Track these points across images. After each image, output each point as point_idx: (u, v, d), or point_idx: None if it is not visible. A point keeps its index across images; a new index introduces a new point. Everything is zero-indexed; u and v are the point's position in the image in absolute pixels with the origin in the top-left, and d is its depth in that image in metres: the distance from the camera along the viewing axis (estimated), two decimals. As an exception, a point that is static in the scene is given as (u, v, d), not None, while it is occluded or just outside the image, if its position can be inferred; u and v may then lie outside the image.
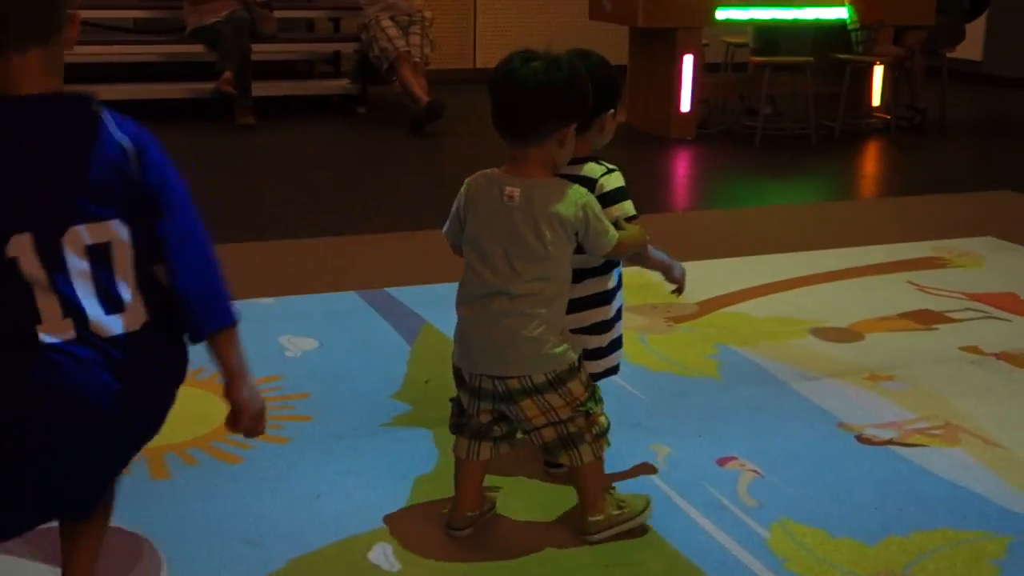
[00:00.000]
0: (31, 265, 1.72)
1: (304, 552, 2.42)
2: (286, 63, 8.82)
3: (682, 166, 6.87)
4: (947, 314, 4.04)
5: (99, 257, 1.77)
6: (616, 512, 2.47)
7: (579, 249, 2.34)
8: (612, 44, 8.29)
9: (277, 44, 7.95)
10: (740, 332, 3.80)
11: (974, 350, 3.69)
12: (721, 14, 7.36)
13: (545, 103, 2.23)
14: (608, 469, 2.58)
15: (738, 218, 5.49)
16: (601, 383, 2.55)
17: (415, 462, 2.82)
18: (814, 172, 6.70)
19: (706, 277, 4.28)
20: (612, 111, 2.49)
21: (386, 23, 7.87)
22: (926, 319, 3.97)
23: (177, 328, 1.87)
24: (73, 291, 1.74)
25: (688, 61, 7.37)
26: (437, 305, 3.87)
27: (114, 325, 1.77)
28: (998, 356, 3.63)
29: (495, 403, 2.34)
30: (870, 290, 4.28)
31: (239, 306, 1.95)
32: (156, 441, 2.40)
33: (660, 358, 3.56)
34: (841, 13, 7.60)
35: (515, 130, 2.27)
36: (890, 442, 3.01)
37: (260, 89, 7.84)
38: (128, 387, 1.78)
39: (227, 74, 7.37)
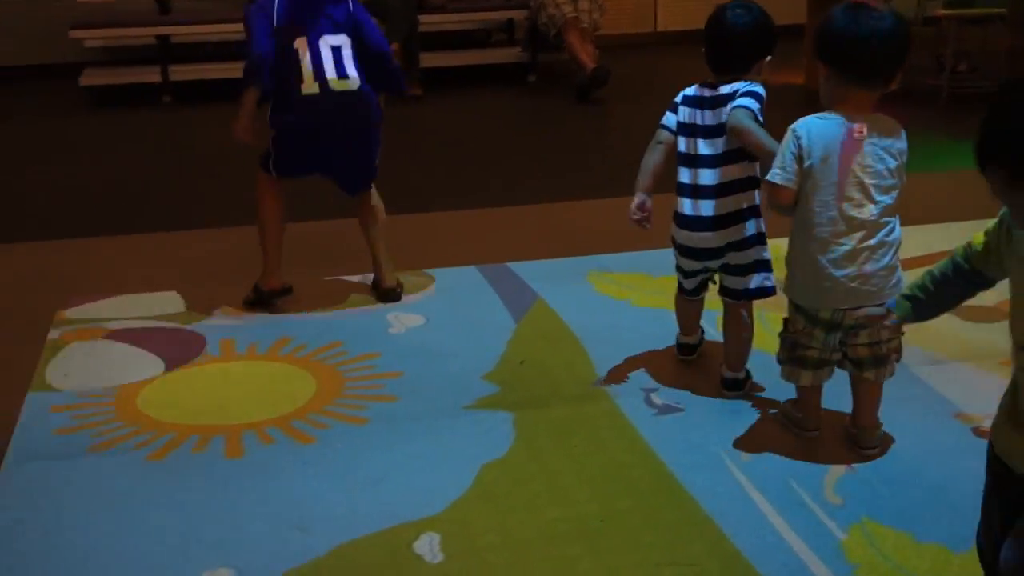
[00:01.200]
0: (303, 54, 3.47)
1: (350, 539, 2.37)
2: (463, 33, 8.78)
3: (856, 129, 6.48)
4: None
5: (336, 53, 3.51)
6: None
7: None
8: (789, 3, 7.98)
9: (445, 15, 7.91)
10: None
11: None
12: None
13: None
14: (685, 449, 2.57)
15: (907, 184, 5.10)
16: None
17: (487, 447, 2.74)
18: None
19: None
20: (768, 57, 2.80)
21: (554, -11, 7.74)
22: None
23: (376, 89, 3.63)
24: (322, 67, 3.48)
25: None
26: (558, 280, 3.81)
27: (345, 84, 3.50)
28: None
29: (841, 332, 2.56)
30: None
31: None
32: (235, 419, 2.73)
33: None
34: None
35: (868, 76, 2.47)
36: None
37: (429, 60, 7.85)
38: (357, 112, 3.56)
39: (394, 46, 7.37)
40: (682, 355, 3.27)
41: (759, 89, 2.80)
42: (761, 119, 2.74)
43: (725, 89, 2.82)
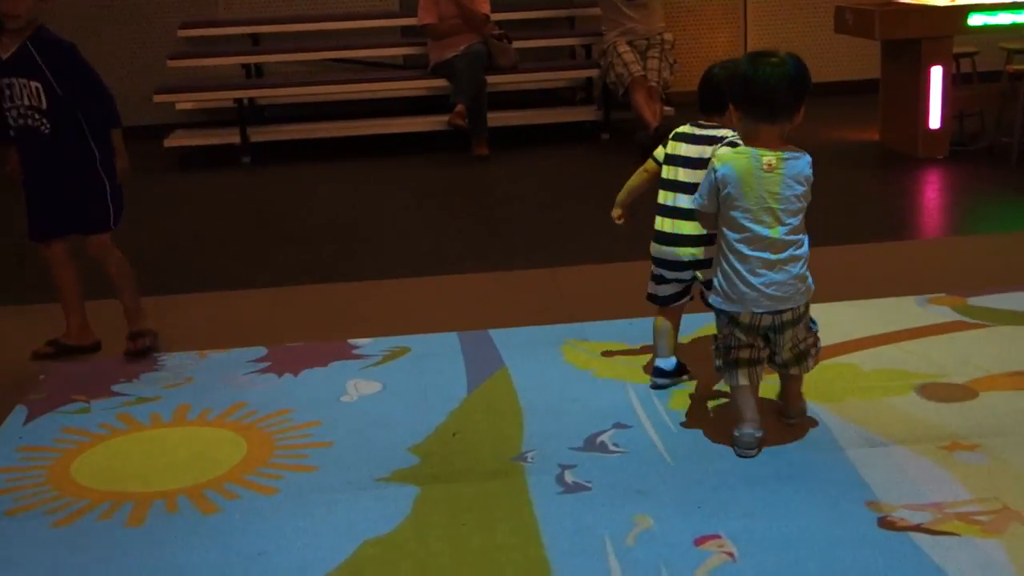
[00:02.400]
0: None
1: (203, 613, 2.39)
2: (545, 91, 8.84)
3: (916, 188, 6.24)
4: (1100, 368, 3.45)
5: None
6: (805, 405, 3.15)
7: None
8: (865, 57, 7.80)
9: (515, 75, 7.99)
10: (834, 386, 3.42)
11: (1105, 415, 3.12)
12: (976, 19, 6.67)
13: (795, 91, 2.85)
14: (573, 532, 2.61)
15: (942, 248, 4.94)
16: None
17: (376, 523, 2.75)
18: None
19: (854, 319, 3.96)
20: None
21: (623, 48, 7.76)
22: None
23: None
24: None
25: (936, 73, 6.74)
26: (531, 348, 3.82)
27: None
28: None
29: (760, 335, 2.95)
30: (1018, 340, 3.72)
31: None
32: (154, 486, 2.86)
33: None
34: None
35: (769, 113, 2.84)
36: (918, 527, 2.61)
37: (500, 120, 7.93)
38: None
39: (459, 107, 7.51)
40: (657, 379, 3.44)
41: (738, 141, 3.08)
42: None
43: (708, 131, 3.27)
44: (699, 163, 3.22)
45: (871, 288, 4.30)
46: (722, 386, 3.28)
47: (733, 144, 3.10)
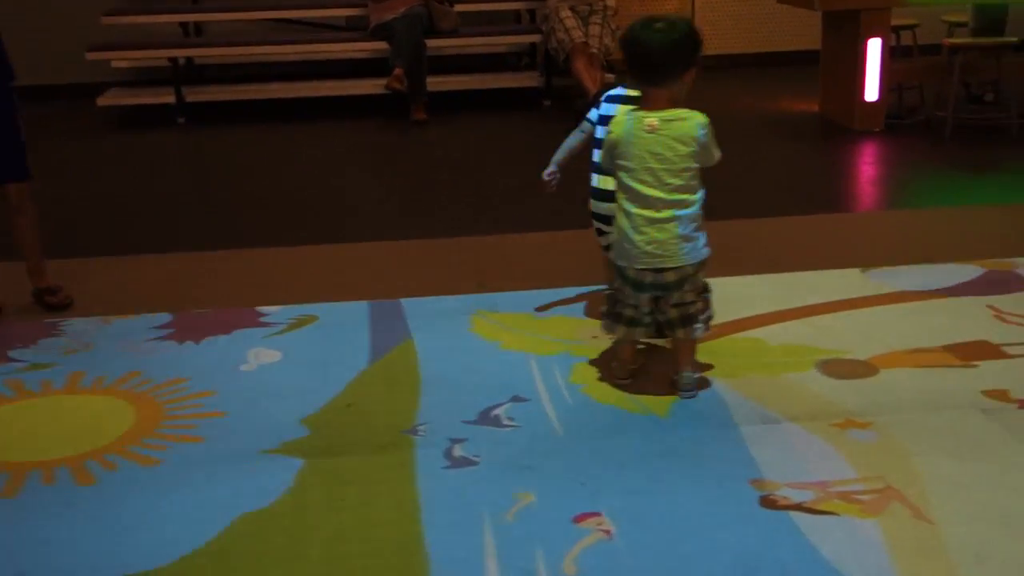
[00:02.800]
0: None
1: (62, 589, 2.34)
2: (488, 56, 8.75)
3: (849, 160, 6.21)
4: (1004, 348, 3.44)
5: None
6: (699, 376, 3.19)
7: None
8: (809, 28, 7.75)
9: (455, 39, 7.89)
10: (736, 361, 3.40)
11: (1000, 395, 3.12)
12: (913, -9, 6.64)
13: (677, 55, 2.91)
14: (453, 508, 2.57)
15: (859, 223, 4.92)
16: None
17: (255, 497, 2.70)
18: (998, 169, 5.89)
19: (767, 293, 3.94)
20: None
21: (565, 14, 7.67)
22: (971, 353, 3.40)
23: None
24: None
25: (874, 45, 6.71)
26: (440, 319, 3.77)
27: None
28: (1021, 406, 3.04)
29: (648, 293, 3.02)
30: (934, 314, 3.72)
31: None
32: (34, 455, 2.84)
33: (615, 391, 3.22)
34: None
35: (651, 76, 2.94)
36: (799, 506, 2.58)
37: (441, 84, 7.84)
38: None
39: (397, 71, 7.41)
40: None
41: None
42: None
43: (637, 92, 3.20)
44: None
45: (791, 262, 4.29)
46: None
47: None
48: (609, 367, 3.28)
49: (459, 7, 8.04)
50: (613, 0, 7.90)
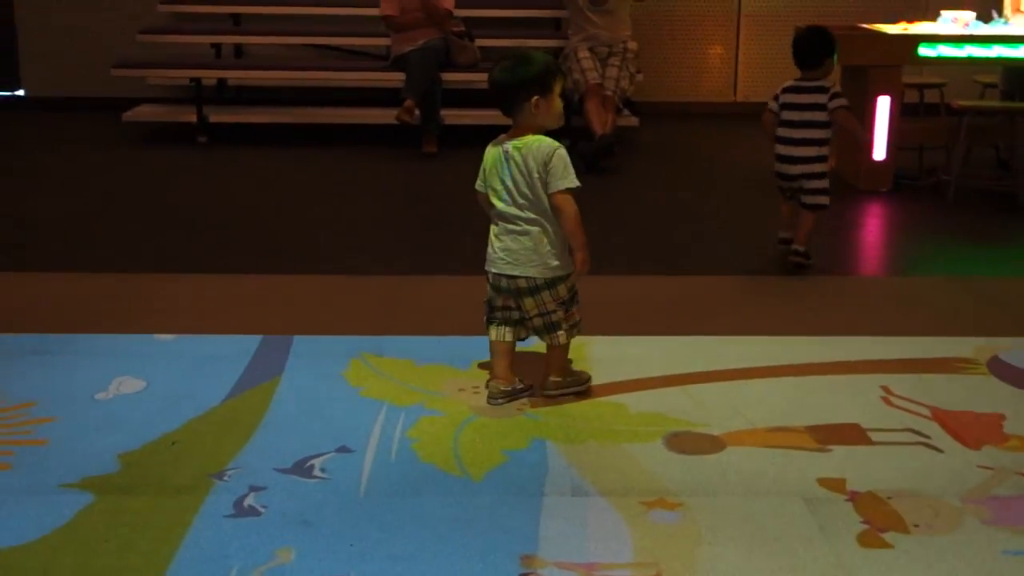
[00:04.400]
0: None
1: None
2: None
3: (842, 221, 5.92)
4: (870, 433, 3.27)
5: None
6: (571, 379, 3.44)
7: None
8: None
9: (473, 73, 7.88)
10: (585, 425, 3.30)
11: (835, 484, 2.96)
12: (926, 51, 6.41)
13: (518, 89, 3.25)
14: (208, 559, 2.49)
15: (824, 287, 4.73)
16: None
17: (21, 532, 2.69)
18: (990, 239, 5.64)
19: (667, 355, 3.85)
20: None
21: (583, 54, 7.62)
22: (832, 437, 3.23)
23: None
24: None
25: (883, 103, 6.51)
26: (321, 359, 3.74)
27: None
28: (851, 498, 2.88)
29: (510, 297, 3.32)
30: (818, 392, 3.56)
31: None
32: None
33: (446, 448, 3.15)
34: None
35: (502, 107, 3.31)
36: (552, 589, 2.47)
37: (458, 118, 7.85)
38: None
39: (408, 102, 7.43)
40: None
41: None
42: None
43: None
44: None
45: (729, 324, 4.17)
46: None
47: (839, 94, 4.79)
48: (485, 387, 3.47)
49: (485, 43, 8.03)
50: (635, 43, 7.79)
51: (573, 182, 3.24)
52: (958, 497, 2.88)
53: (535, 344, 3.54)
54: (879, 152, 6.57)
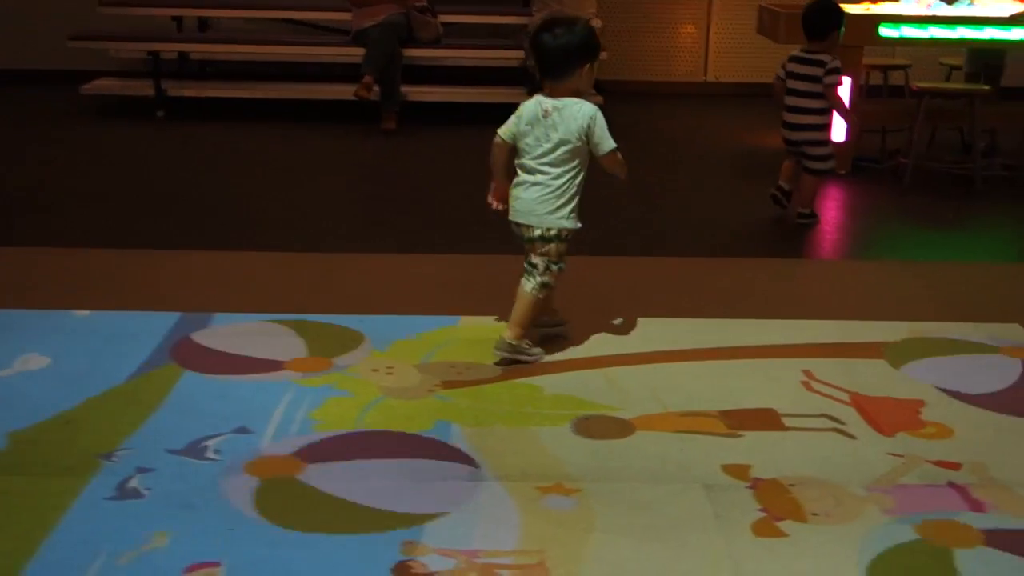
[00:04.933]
0: None
1: None
2: (494, 69, 8.56)
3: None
4: (785, 418, 3.20)
5: None
6: (525, 346, 3.52)
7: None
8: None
9: (434, 50, 7.77)
10: (496, 408, 3.23)
11: (739, 471, 2.89)
12: (888, 31, 6.31)
13: (569, 56, 3.37)
14: (78, 541, 2.28)
15: (770, 269, 4.65)
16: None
17: None
18: (942, 223, 5.55)
19: (596, 336, 3.76)
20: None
21: (545, 31, 7.48)
22: (745, 422, 3.16)
23: None
24: None
25: (844, 83, 6.37)
26: (243, 337, 3.65)
27: None
28: (753, 485, 2.81)
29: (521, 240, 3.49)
30: (739, 375, 3.49)
31: None
32: None
33: (348, 430, 3.07)
34: (1051, 34, 6.28)
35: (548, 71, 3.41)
36: (433, 574, 2.39)
37: (421, 95, 7.76)
38: None
39: (366, 79, 7.32)
40: None
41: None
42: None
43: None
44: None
45: (668, 306, 4.10)
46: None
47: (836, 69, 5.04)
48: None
49: (448, 19, 7.92)
50: (598, 21, 7.68)
51: (613, 142, 3.43)
52: (863, 486, 2.81)
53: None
54: (838, 134, 6.46)
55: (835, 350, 3.69)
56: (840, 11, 5.28)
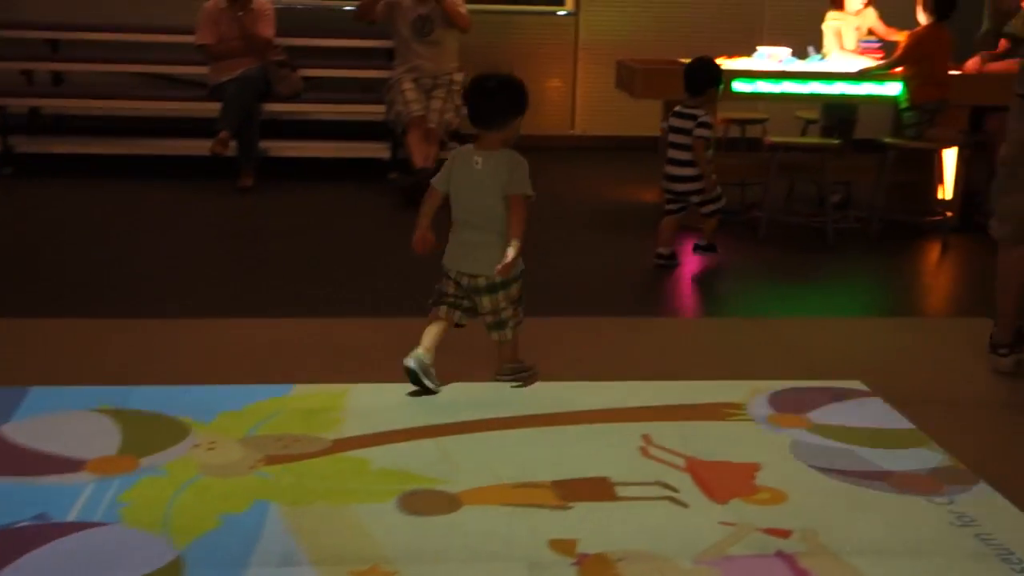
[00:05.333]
0: None
1: None
2: (364, 123, 8.42)
3: (650, 259, 5.82)
4: (618, 487, 3.12)
5: None
6: (519, 365, 3.81)
7: None
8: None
9: (294, 104, 7.64)
10: (317, 486, 3.07)
11: (565, 547, 2.78)
12: (742, 86, 6.37)
13: (507, 107, 3.61)
14: None
15: (602, 329, 4.58)
16: None
17: None
18: (790, 276, 5.57)
19: (428, 404, 3.65)
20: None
21: (407, 86, 7.43)
22: (579, 492, 3.07)
23: None
24: None
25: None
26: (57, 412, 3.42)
27: None
28: (579, 561, 2.71)
29: (466, 294, 3.66)
30: (577, 442, 3.41)
31: None
32: None
33: (158, 512, 2.91)
34: (896, 90, 6.41)
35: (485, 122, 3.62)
36: (225, 676, 2.22)
37: (280, 150, 7.61)
38: None
39: (222, 134, 7.15)
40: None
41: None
42: None
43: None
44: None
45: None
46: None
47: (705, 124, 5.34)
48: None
49: (310, 72, 7.81)
50: (462, 75, 7.64)
51: (530, 191, 3.60)
52: (691, 558, 2.73)
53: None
54: (697, 187, 6.47)
55: (676, 412, 3.63)
56: (718, 69, 5.53)
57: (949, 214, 6.38)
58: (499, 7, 9.07)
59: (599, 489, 3.09)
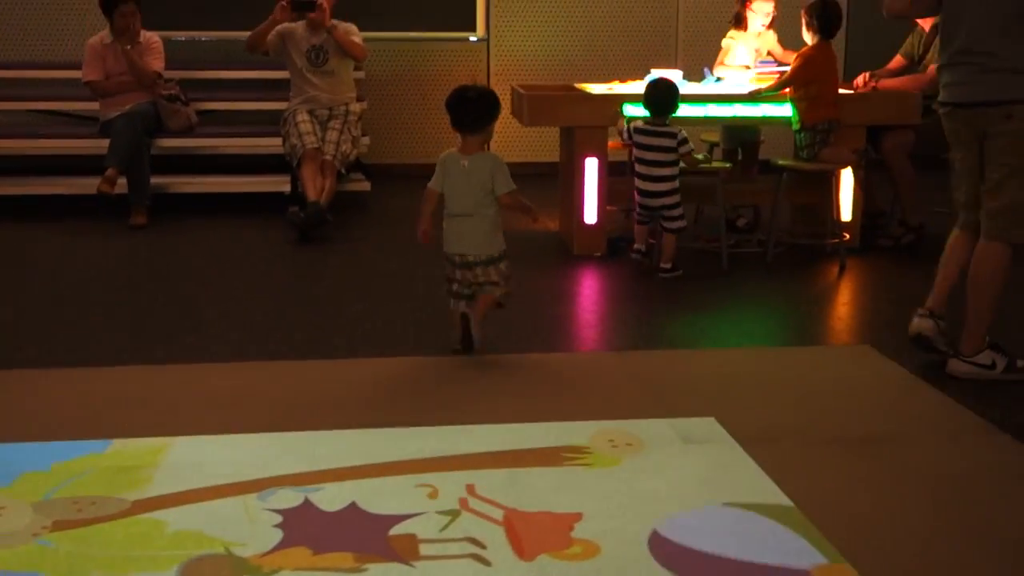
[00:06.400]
0: None
1: None
2: (269, 157, 8.22)
3: (541, 292, 5.62)
4: (424, 544, 2.94)
5: None
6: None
7: None
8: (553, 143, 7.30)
9: (186, 139, 7.45)
10: (98, 554, 2.88)
11: (345, 616, 2.57)
12: (632, 109, 6.22)
13: (487, 113, 4.31)
14: None
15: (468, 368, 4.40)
16: None
17: None
18: (683, 307, 5.40)
19: (252, 456, 3.46)
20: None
21: (301, 117, 7.26)
22: (380, 552, 2.88)
23: None
24: None
25: (591, 164, 6.29)
26: None
27: None
28: (354, 632, 2.51)
29: (465, 272, 4.31)
30: (394, 495, 3.24)
31: None
32: None
33: None
34: (787, 111, 6.28)
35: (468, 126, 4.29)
36: None
37: (172, 186, 7.42)
38: None
39: (109, 172, 6.96)
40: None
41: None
42: None
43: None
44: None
45: (386, 414, 3.83)
46: None
47: (686, 140, 5.74)
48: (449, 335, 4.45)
49: (203, 106, 7.63)
50: (359, 106, 7.47)
51: (513, 185, 4.31)
52: (477, 625, 2.53)
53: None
54: (590, 215, 6.35)
55: (510, 458, 3.46)
56: (678, 92, 5.84)
57: (847, 236, 6.23)
58: (410, 34, 8.90)
59: (403, 547, 2.91)
